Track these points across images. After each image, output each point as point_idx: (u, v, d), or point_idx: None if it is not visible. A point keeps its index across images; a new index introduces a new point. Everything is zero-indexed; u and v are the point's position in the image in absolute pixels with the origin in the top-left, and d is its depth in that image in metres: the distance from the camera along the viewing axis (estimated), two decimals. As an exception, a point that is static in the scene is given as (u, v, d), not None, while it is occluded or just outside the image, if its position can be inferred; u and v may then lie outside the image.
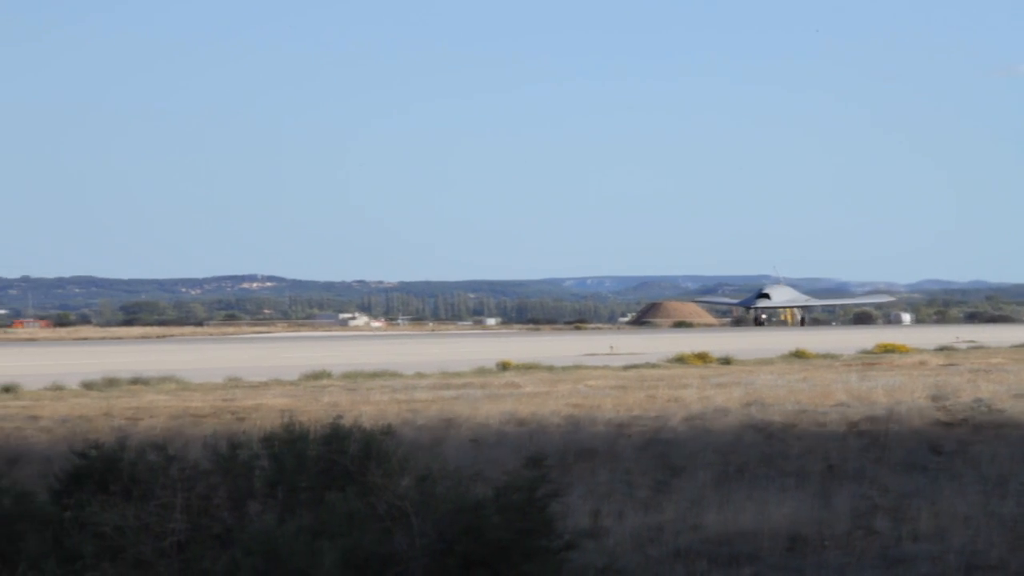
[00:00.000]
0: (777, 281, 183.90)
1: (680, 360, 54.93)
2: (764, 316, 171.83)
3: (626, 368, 49.65)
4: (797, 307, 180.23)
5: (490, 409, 29.45)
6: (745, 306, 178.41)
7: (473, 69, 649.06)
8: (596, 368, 50.67)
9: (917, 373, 43.22)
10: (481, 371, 47.88)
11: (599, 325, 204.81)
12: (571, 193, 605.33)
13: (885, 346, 67.48)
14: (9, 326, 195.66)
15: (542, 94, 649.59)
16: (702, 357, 55.56)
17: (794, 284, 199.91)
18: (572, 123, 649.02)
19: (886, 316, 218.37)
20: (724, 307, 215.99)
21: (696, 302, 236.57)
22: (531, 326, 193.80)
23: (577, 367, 51.18)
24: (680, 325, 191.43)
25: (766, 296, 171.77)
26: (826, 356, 59.27)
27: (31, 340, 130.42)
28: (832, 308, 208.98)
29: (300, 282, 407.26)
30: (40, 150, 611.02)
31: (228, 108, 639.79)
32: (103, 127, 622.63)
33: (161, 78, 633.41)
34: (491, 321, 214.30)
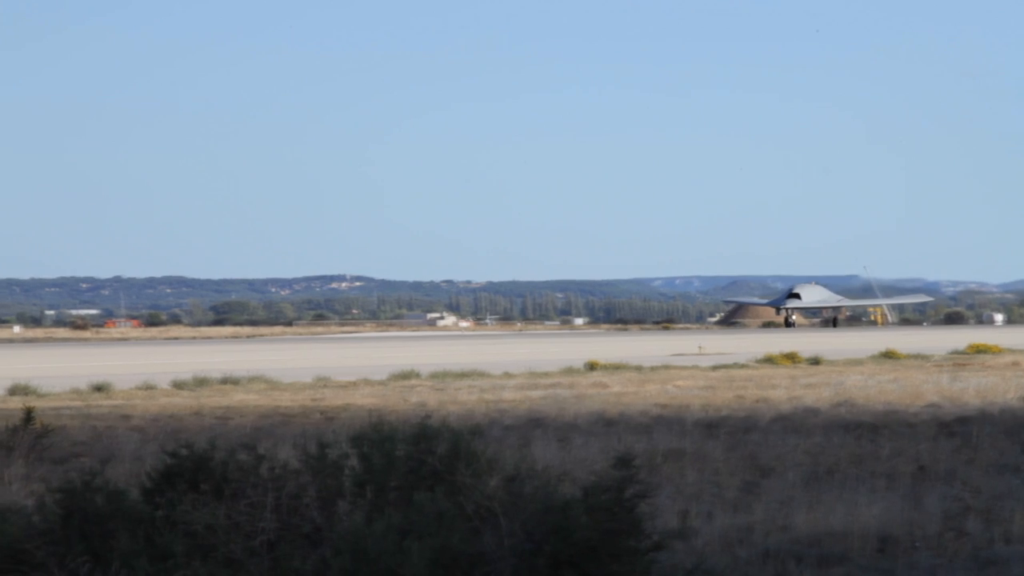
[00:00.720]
0: (867, 282, 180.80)
1: (769, 360, 54.65)
2: (794, 316, 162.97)
3: (714, 368, 49.45)
4: (829, 307, 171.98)
5: (578, 409, 29.42)
6: (775, 306, 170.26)
7: (562, 66, 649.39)
8: (684, 368, 50.51)
9: (1010, 374, 42.77)
10: (569, 371, 47.84)
11: (687, 325, 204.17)
12: (661, 193, 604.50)
13: (977, 346, 66.83)
14: (102, 326, 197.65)
15: (632, 93, 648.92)
16: (791, 357, 55.24)
17: (886, 285, 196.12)
18: (662, 124, 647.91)
19: (978, 316, 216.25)
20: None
21: (725, 301, 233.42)
22: (619, 326, 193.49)
23: (665, 367, 51.04)
24: (769, 325, 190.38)
25: (796, 296, 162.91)
26: (917, 356, 58.78)
27: (123, 340, 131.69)
28: (863, 308, 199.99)
29: (388, 282, 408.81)
30: (134, 152, 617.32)
31: (321, 109, 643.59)
32: (192, 128, 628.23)
33: (250, 78, 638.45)
34: (579, 321, 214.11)
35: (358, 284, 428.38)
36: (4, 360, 70.50)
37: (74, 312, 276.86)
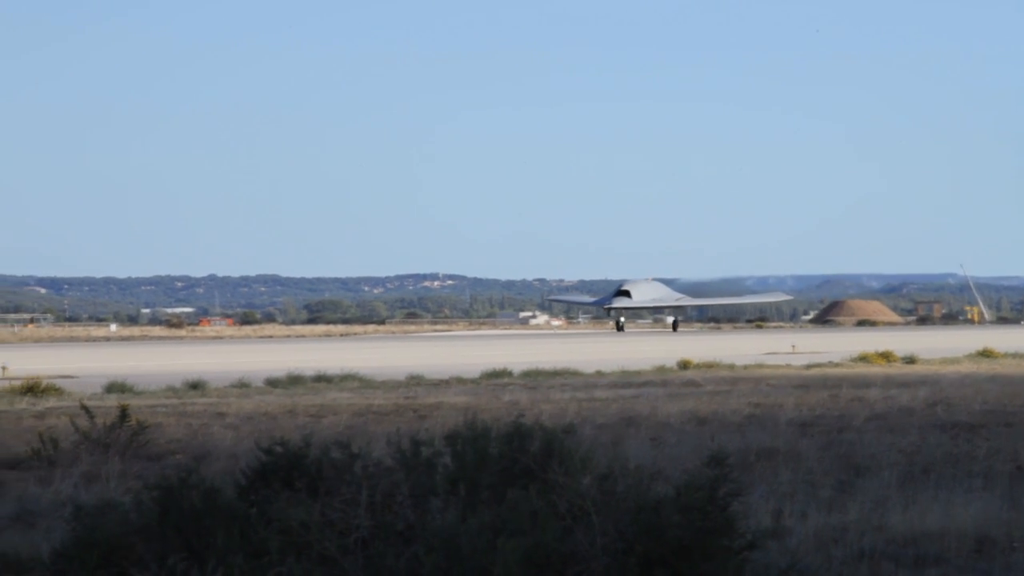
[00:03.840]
0: (964, 280, 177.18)
1: (863, 359, 54.25)
2: (623, 319, 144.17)
3: (808, 367, 49.16)
4: (668, 306, 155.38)
5: (670, 408, 29.35)
6: (601, 305, 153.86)
7: (649, 60, 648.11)
8: (777, 367, 50.25)
9: (1109, 373, 42.23)
10: (661, 369, 47.73)
11: (780, 323, 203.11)
12: (752, 191, 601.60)
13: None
14: (196, 324, 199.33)
15: (718, 88, 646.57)
16: (886, 356, 54.80)
17: (981, 283, 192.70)
18: (753, 122, 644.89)
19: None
20: (579, 306, 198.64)
21: (551, 300, 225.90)
22: (711, 324, 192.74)
23: (758, 366, 50.80)
24: (863, 324, 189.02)
25: (626, 294, 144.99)
26: (1015, 355, 58.14)
27: (217, 338, 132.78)
28: (728, 307, 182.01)
29: (480, 281, 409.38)
30: (227, 152, 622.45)
31: (414, 108, 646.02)
32: (286, 126, 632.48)
33: (348, 76, 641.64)
34: (670, 319, 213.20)
35: (450, 283, 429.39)
36: (101, 358, 71.31)
37: (169, 310, 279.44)
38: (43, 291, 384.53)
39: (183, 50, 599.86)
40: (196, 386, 39.22)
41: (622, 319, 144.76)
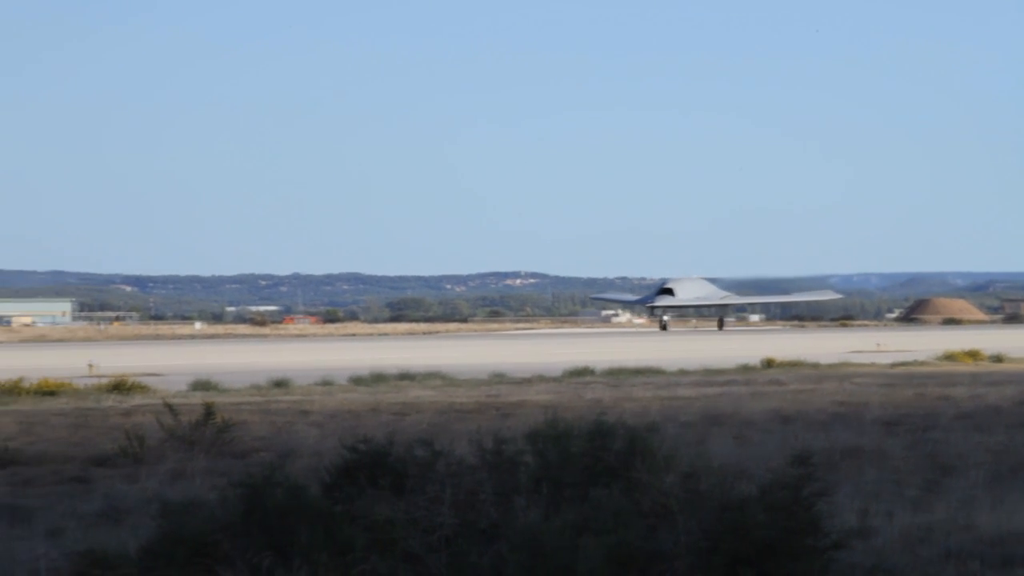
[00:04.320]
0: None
1: (950, 357, 53.80)
2: (666, 318, 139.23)
3: (893, 365, 48.81)
4: (712, 305, 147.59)
5: (754, 406, 29.22)
6: (642, 303, 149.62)
7: (744, 58, 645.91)
8: (863, 365, 49.91)
9: None
10: (745, 368, 47.52)
11: (865, 322, 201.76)
12: (837, 190, 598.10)
13: None
14: (280, 322, 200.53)
15: (819, 89, 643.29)
16: (973, 355, 54.31)
17: None
18: (842, 120, 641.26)
19: None
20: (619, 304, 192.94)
21: (592, 298, 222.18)
22: (795, 323, 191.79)
23: (843, 364, 50.47)
24: (949, 322, 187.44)
25: (669, 292, 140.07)
26: (1105, 354, 57.47)
27: (301, 336, 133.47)
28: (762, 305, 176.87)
29: (563, 279, 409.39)
30: (317, 151, 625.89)
31: (499, 107, 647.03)
32: (367, 126, 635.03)
33: (432, 73, 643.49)
34: (754, 318, 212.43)
35: (532, 281, 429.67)
36: (187, 356, 71.87)
37: (253, 308, 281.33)
38: (129, 289, 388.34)
39: (280, 47, 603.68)
40: (280, 384, 39.44)
41: (665, 318, 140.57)
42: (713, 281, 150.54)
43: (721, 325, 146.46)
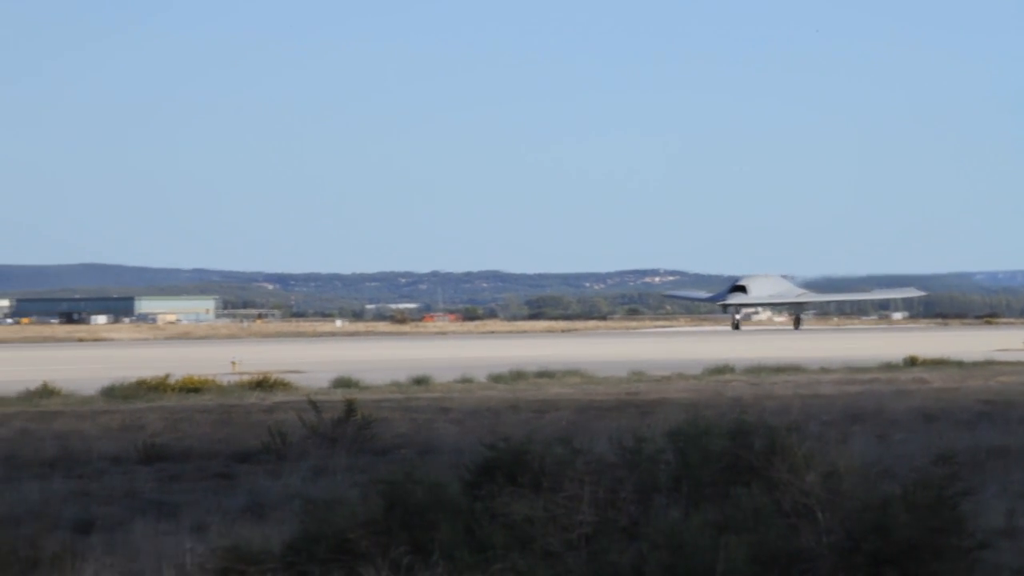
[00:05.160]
0: None
1: (1099, 355, 52.79)
2: (738, 316, 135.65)
3: (1040, 363, 48.02)
4: (787, 303, 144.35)
5: (897, 405, 28.88)
6: (714, 301, 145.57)
7: (871, 49, 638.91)
8: (1009, 364, 49.13)
9: None
10: (887, 366, 46.97)
11: (1011, 320, 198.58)
12: (984, 184, 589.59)
13: None
14: (420, 320, 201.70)
15: (919, 81, 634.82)
16: (1122, 352, 53.22)
17: None
18: (985, 111, 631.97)
19: None
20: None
21: (666, 296, 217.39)
22: (939, 320, 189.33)
23: (988, 363, 49.71)
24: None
25: (741, 289, 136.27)
26: None
27: (441, 333, 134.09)
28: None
29: (702, 276, 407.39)
30: (457, 149, 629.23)
31: (634, 104, 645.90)
32: (503, 124, 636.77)
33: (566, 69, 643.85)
34: (897, 316, 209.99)
35: (671, 278, 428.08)
36: (328, 353, 72.50)
37: (393, 306, 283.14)
38: (271, 287, 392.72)
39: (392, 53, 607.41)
40: (420, 381, 39.63)
41: (738, 316, 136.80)
42: (789, 278, 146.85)
43: (798, 324, 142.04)
